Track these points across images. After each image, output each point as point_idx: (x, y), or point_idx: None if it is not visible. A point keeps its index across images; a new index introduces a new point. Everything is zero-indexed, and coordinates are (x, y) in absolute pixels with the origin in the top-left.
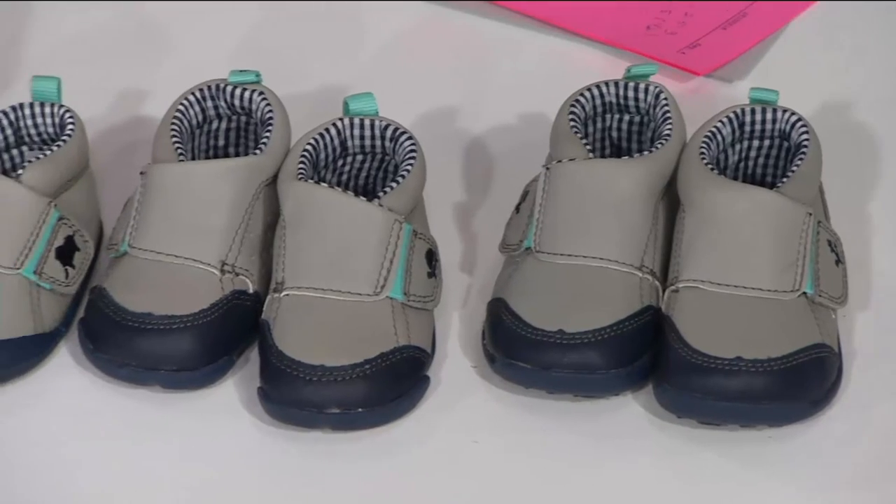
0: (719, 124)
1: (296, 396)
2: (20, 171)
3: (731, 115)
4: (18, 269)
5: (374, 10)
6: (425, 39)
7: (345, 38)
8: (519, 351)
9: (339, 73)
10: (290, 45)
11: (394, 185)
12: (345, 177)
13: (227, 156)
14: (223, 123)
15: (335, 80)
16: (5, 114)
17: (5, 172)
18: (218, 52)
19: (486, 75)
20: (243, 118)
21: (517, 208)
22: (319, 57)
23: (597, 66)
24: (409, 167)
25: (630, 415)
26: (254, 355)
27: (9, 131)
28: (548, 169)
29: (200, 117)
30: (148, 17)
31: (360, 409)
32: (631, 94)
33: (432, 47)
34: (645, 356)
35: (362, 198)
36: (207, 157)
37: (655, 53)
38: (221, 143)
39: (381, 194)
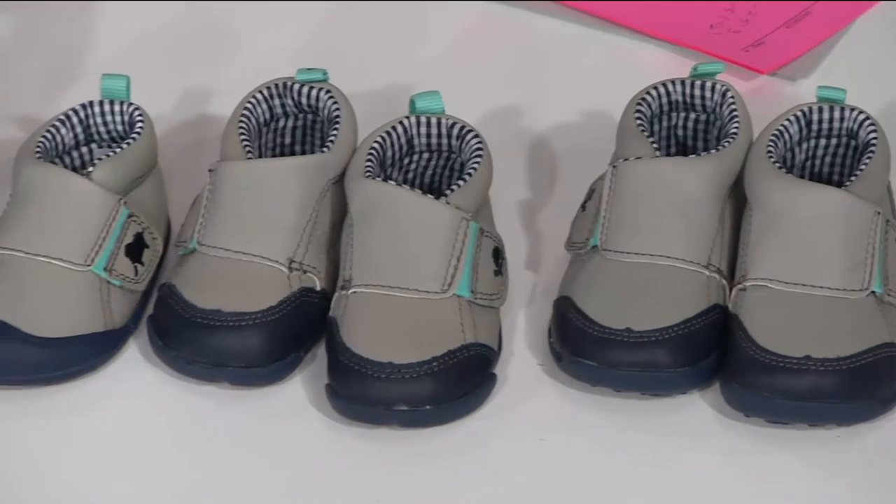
0: (787, 122)
1: (364, 393)
2: (91, 169)
3: (799, 114)
4: (89, 265)
5: (438, 9)
6: (489, 38)
7: (409, 36)
8: (586, 349)
9: (403, 72)
10: (355, 43)
11: (460, 183)
12: (410, 175)
13: (292, 153)
14: (290, 121)
15: (399, 79)
16: (75, 112)
17: (75, 170)
18: (283, 50)
19: (550, 73)
20: (310, 116)
21: (583, 206)
22: (384, 55)
23: (660, 64)
24: (475, 165)
25: (697, 413)
26: (321, 352)
27: (79, 129)
28: (614, 167)
29: (268, 115)
30: (214, 15)
31: (427, 407)
32: (697, 92)
33: (496, 45)
34: (712, 355)
35: (430, 195)
36: (273, 155)
37: (719, 51)
38: (288, 140)
39: (447, 192)
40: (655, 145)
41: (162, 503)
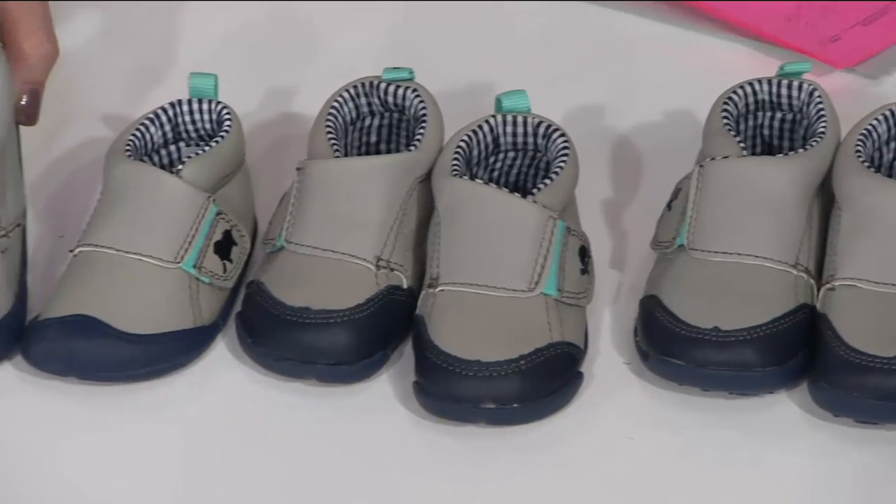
0: (875, 122)
1: (452, 391)
2: (180, 167)
3: (887, 113)
4: (179, 263)
5: (521, 7)
6: (573, 36)
7: (493, 35)
8: (673, 348)
9: (487, 71)
10: (439, 42)
11: (547, 181)
12: (496, 173)
13: (378, 152)
14: (376, 120)
15: (483, 77)
16: (164, 110)
17: (163, 168)
18: (367, 49)
19: (633, 72)
20: (395, 115)
21: (669, 205)
22: (468, 54)
23: (743, 64)
24: (562, 164)
25: (785, 413)
26: (407, 350)
27: (167, 127)
28: (701, 166)
29: (354, 114)
30: (298, 14)
31: (515, 405)
32: (784, 91)
33: (580, 44)
34: (800, 354)
35: (517, 194)
36: (359, 154)
37: (795, 43)
38: (373, 139)
39: (534, 191)
40: (742, 145)
41: (251, 500)
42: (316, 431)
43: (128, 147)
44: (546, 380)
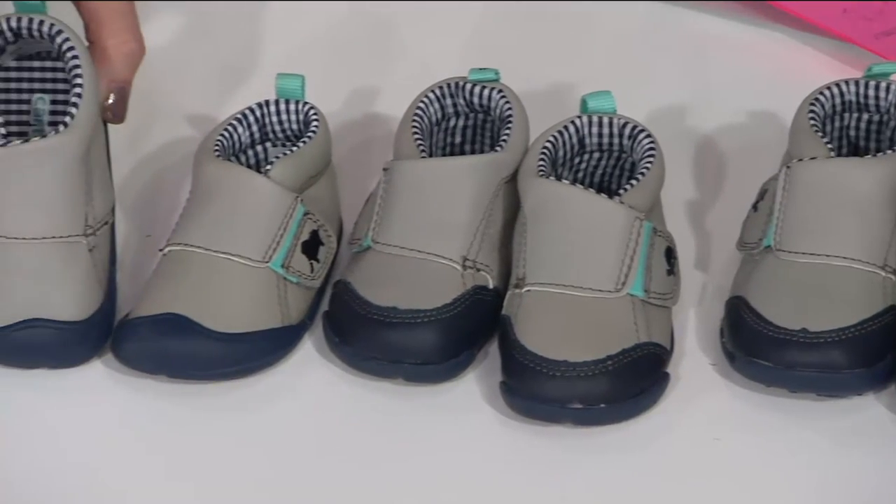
0: None
1: (539, 391)
2: (268, 167)
3: None
4: (267, 262)
5: (605, 8)
6: (655, 37)
7: (576, 36)
8: (761, 349)
9: (570, 71)
10: (521, 43)
11: (634, 182)
12: (580, 174)
13: (462, 153)
14: (460, 121)
15: (566, 78)
16: (252, 111)
17: (250, 168)
18: (449, 49)
19: (716, 73)
20: (480, 116)
21: (755, 206)
22: (551, 55)
23: (824, 66)
24: (648, 165)
25: (873, 415)
26: (492, 350)
27: (255, 128)
28: (788, 167)
29: (439, 114)
30: (381, 15)
31: (602, 405)
32: (871, 92)
33: (662, 45)
34: (888, 356)
35: (603, 195)
36: (443, 154)
37: (850, 35)
38: (458, 140)
39: (621, 192)
40: (829, 146)
41: (338, 498)
42: (403, 430)
43: (216, 147)
44: (633, 380)
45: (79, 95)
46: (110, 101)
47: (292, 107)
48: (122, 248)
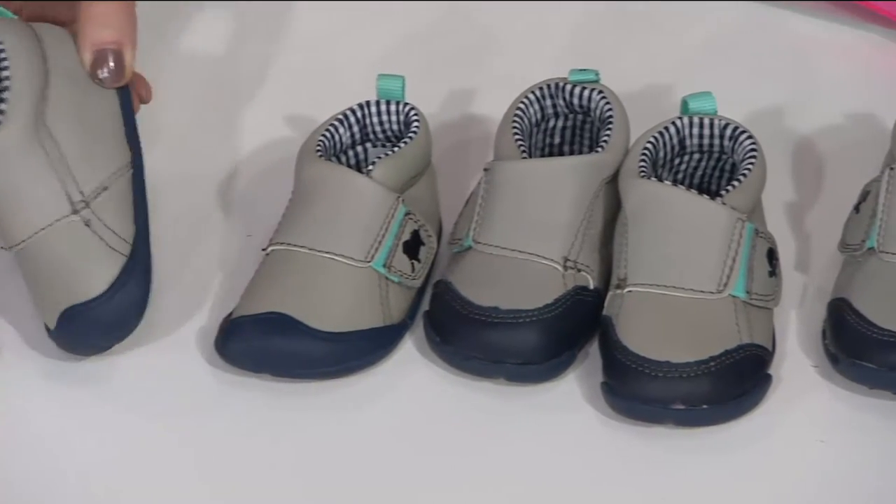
0: None
1: (641, 392)
2: (370, 167)
3: None
4: (369, 262)
5: (702, 9)
6: (751, 38)
7: (673, 36)
8: (864, 351)
9: (668, 72)
10: (619, 43)
11: (735, 183)
12: (680, 175)
13: (561, 153)
14: (559, 122)
15: (664, 79)
16: (353, 111)
17: (350, 168)
18: (545, 50)
19: (814, 74)
20: (580, 116)
21: (856, 208)
22: (648, 55)
23: None
24: (750, 166)
25: None
26: (592, 350)
27: (356, 128)
28: (892, 169)
29: (539, 115)
30: (478, 15)
31: (704, 406)
32: None
33: (758, 46)
34: None
35: (705, 196)
36: (542, 155)
37: None
38: (557, 140)
39: (723, 193)
40: None
41: (438, 497)
42: (504, 430)
43: (318, 147)
44: (735, 381)
45: (4, 89)
46: (100, 69)
47: (393, 107)
48: (224, 249)
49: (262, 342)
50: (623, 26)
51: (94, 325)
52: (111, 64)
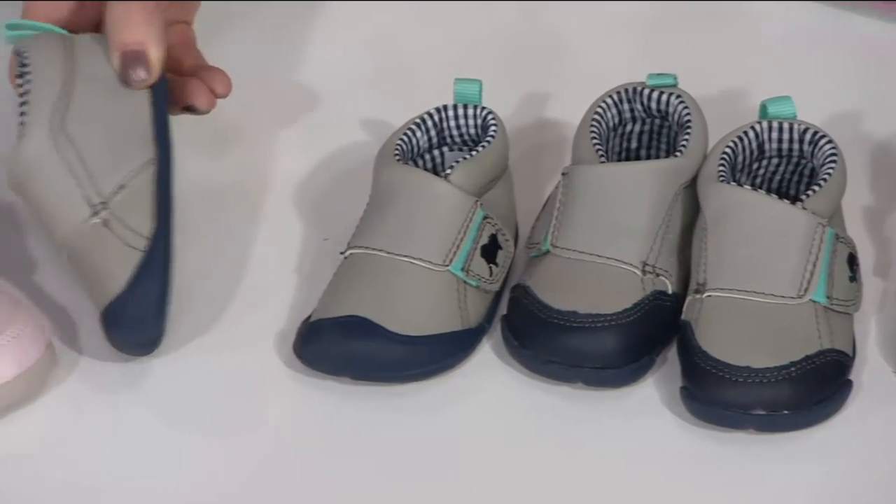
0: None
1: (721, 397)
2: (448, 171)
3: None
4: (447, 266)
5: (775, 10)
6: (827, 41)
7: (749, 39)
8: None
9: (742, 75)
10: (694, 46)
11: (815, 188)
12: (758, 180)
13: (637, 158)
14: (637, 126)
15: (739, 83)
16: (430, 115)
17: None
18: (620, 53)
19: (892, 77)
20: (657, 121)
21: None
22: (721, 58)
23: None
24: (830, 171)
25: None
26: (671, 355)
27: (433, 132)
28: None
29: (616, 119)
30: (552, 18)
31: (785, 412)
32: None
33: (834, 49)
34: None
35: (785, 201)
36: (619, 160)
37: None
38: (634, 145)
39: (802, 197)
40: None
41: (517, 499)
42: (582, 435)
43: (396, 151)
44: (816, 387)
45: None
46: (130, 70)
47: (470, 111)
48: (301, 253)
49: (342, 345)
50: (697, 27)
51: (121, 323)
52: (136, 64)
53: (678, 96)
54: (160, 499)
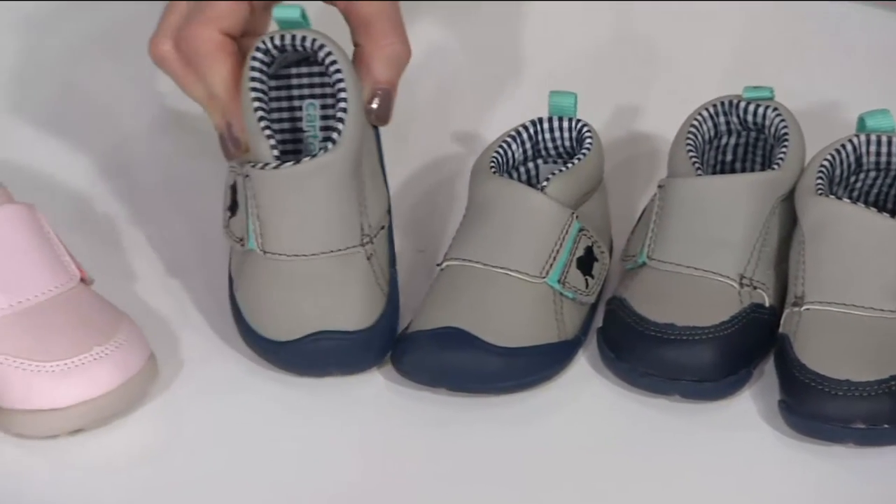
0: None
1: (821, 410)
2: (545, 183)
3: None
4: (544, 277)
5: (869, 23)
6: None
7: (842, 50)
8: None
9: (838, 89)
10: (782, 58)
11: None
12: (855, 193)
13: (732, 171)
14: (732, 139)
15: (831, 95)
16: (525, 128)
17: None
18: (708, 66)
19: None
20: (753, 134)
21: None
22: (814, 70)
23: None
24: None
25: None
26: (768, 368)
27: (528, 145)
28: None
29: (712, 132)
30: (643, 30)
31: (885, 426)
32: None
33: None
34: None
35: (885, 213)
36: (714, 173)
37: None
38: (729, 158)
39: None
40: None
41: None
42: (679, 447)
43: (492, 163)
44: None
45: (344, 111)
46: (374, 104)
47: (565, 124)
48: (396, 263)
49: (439, 357)
50: (792, 39)
51: (348, 354)
52: (382, 104)
53: (775, 109)
54: None
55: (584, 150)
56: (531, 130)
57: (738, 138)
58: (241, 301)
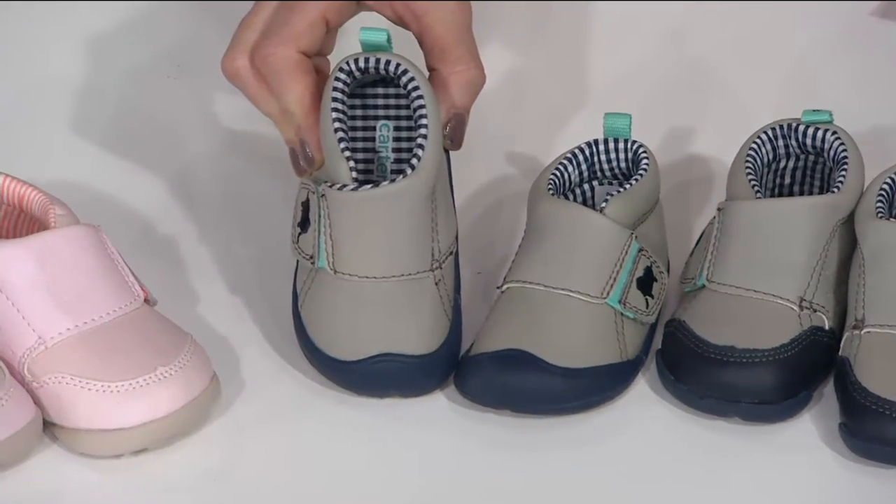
0: None
1: (881, 433)
2: (603, 204)
3: None
4: (605, 298)
5: None
6: None
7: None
8: None
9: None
10: (837, 81)
11: None
12: None
13: (791, 194)
14: (791, 162)
15: (889, 120)
16: (581, 150)
17: None
18: (762, 89)
19: None
20: (811, 157)
21: None
22: (870, 92)
23: None
24: None
25: None
26: (828, 391)
27: (583, 166)
28: None
29: (771, 155)
30: (697, 52)
31: None
32: None
33: None
34: None
35: None
36: (772, 196)
37: None
38: (787, 181)
39: None
40: None
41: None
42: (739, 469)
43: (549, 185)
44: None
45: (424, 137)
46: (448, 129)
47: (621, 145)
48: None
49: (502, 378)
50: (847, 61)
51: (409, 377)
52: (457, 129)
53: (834, 132)
54: None
55: (640, 171)
56: (587, 152)
57: (797, 162)
58: (307, 318)
